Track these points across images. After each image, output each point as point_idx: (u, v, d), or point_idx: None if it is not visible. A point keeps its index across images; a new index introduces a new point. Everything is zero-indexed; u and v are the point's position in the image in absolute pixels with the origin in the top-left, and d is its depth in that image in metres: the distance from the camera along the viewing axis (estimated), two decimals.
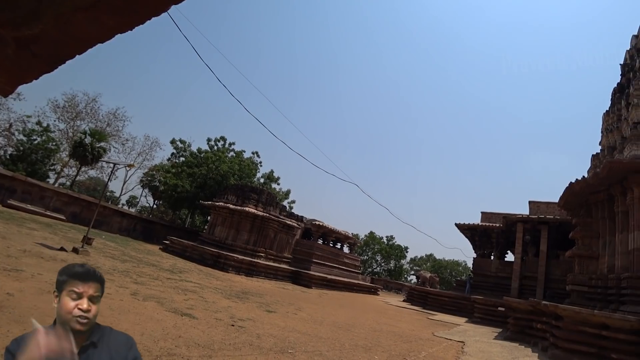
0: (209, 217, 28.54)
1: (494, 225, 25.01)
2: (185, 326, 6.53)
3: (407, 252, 64.72)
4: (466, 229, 26.53)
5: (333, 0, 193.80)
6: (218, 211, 24.32)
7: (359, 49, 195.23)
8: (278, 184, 40.39)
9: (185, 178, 33.41)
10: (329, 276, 25.46)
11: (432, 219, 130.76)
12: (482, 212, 27.58)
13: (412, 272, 66.23)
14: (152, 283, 10.52)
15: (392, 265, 64.03)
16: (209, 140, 37.76)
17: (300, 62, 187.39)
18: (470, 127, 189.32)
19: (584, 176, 12.98)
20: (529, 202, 24.22)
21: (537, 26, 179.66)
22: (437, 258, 70.66)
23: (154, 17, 1.78)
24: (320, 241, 29.99)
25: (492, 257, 25.53)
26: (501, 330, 14.93)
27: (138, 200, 52.53)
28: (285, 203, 38.43)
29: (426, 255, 72.24)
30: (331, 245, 31.80)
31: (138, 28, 1.87)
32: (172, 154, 38.20)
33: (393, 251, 62.58)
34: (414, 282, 45.67)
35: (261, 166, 39.57)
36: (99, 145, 28.65)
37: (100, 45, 1.94)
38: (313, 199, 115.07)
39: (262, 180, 39.06)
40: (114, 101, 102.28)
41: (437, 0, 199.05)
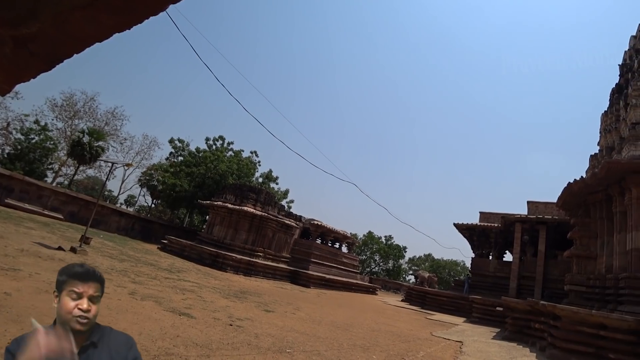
0: (208, 217, 28.52)
1: (493, 225, 25.06)
2: (183, 326, 6.52)
3: (406, 252, 64.89)
4: (465, 229, 26.56)
5: (332, 0, 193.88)
6: (216, 211, 24.30)
7: (358, 49, 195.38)
8: (276, 184, 40.40)
9: (183, 177, 33.36)
10: (328, 276, 25.48)
11: (431, 219, 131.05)
12: (481, 212, 27.64)
13: (411, 272, 66.36)
14: (150, 282, 10.51)
15: (391, 265, 64.11)
16: (208, 139, 37.72)
17: (298, 62, 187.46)
18: (468, 127, 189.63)
19: (583, 176, 13.01)
20: (528, 202, 24.26)
21: (536, 27, 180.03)
22: (436, 258, 70.85)
23: (152, 17, 1.77)
24: (318, 241, 30.01)
25: (491, 257, 25.57)
26: (499, 330, 14.96)
27: (136, 199, 52.52)
28: (283, 202, 38.43)
29: (424, 255, 72.43)
30: (329, 245, 31.82)
31: (137, 27, 1.87)
32: (171, 153, 38.15)
33: (391, 251, 62.66)
34: (413, 282, 45.77)
35: (260, 166, 39.58)
36: (97, 144, 28.61)
37: (98, 44, 1.94)
38: (312, 199, 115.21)
39: (261, 179, 39.03)
40: (113, 100, 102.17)
41: (436, 0, 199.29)
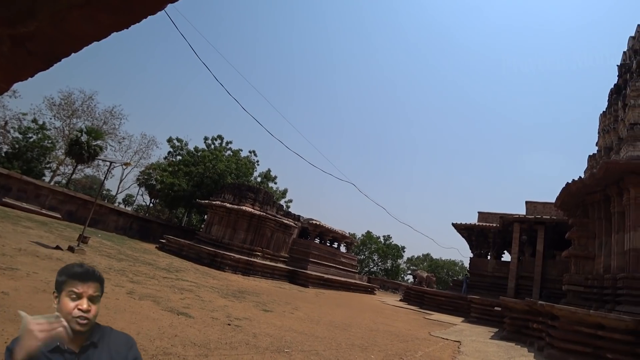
0: (206, 216, 28.49)
1: (491, 225, 25.08)
2: (181, 325, 6.50)
3: (404, 252, 64.96)
4: (463, 229, 26.58)
5: (331, 0, 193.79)
6: (215, 210, 24.27)
7: (357, 49, 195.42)
8: (275, 183, 40.39)
9: (182, 177, 33.32)
10: (326, 275, 25.48)
11: (429, 219, 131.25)
12: (479, 212, 27.68)
13: (409, 272, 66.46)
14: (149, 282, 10.49)
15: (389, 264, 64.16)
16: (206, 138, 37.69)
17: (298, 62, 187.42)
18: (467, 127, 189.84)
19: (581, 177, 13.03)
20: (526, 202, 24.30)
21: (535, 27, 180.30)
22: (434, 258, 70.92)
23: (150, 16, 1.77)
24: (317, 240, 30.01)
25: (489, 257, 25.59)
26: (497, 330, 14.96)
27: (134, 198, 52.43)
28: (282, 202, 38.39)
29: (423, 254, 72.49)
30: (328, 244, 31.82)
31: (136, 26, 1.86)
32: (169, 153, 38.10)
33: (390, 251, 62.70)
34: (411, 282, 45.81)
35: (258, 165, 39.58)
36: (95, 143, 28.55)
37: (96, 43, 1.93)
38: (310, 198, 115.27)
39: (259, 179, 39.02)
40: (111, 99, 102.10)
41: (435, 0, 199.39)
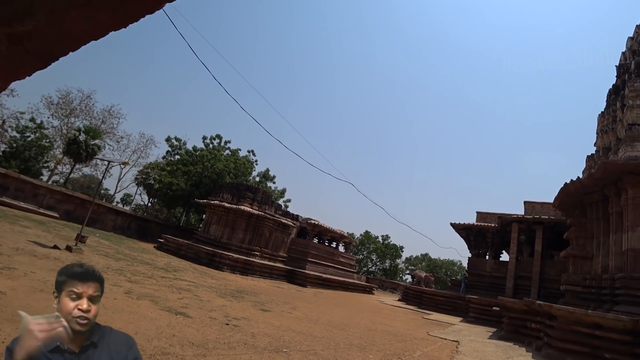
0: (204, 216, 28.46)
1: (489, 225, 25.11)
2: (179, 325, 6.49)
3: (403, 252, 65.04)
4: (461, 229, 26.61)
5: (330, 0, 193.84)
6: (213, 209, 24.25)
7: (356, 49, 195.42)
8: (274, 183, 40.36)
9: (180, 176, 33.27)
10: (324, 275, 25.48)
11: (428, 219, 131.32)
12: (478, 212, 27.68)
13: (408, 272, 66.57)
14: (147, 281, 10.47)
15: (388, 264, 64.22)
16: (205, 138, 37.64)
17: (297, 62, 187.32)
18: (465, 127, 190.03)
19: (579, 177, 13.05)
20: (524, 203, 24.33)
21: (534, 28, 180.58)
22: (433, 257, 71.01)
23: (149, 15, 1.76)
24: (315, 240, 30.00)
25: (487, 257, 25.63)
26: (496, 329, 14.98)
27: (133, 198, 52.37)
28: (280, 202, 38.38)
29: (421, 254, 72.60)
30: (326, 244, 31.81)
31: (136, 26, 1.86)
32: (167, 152, 38.03)
33: (388, 250, 62.76)
34: (409, 282, 45.87)
35: (257, 165, 39.53)
36: (94, 142, 28.48)
37: (96, 43, 1.93)
38: (309, 198, 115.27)
39: (258, 178, 38.98)
40: (111, 99, 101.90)
41: (435, 0, 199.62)
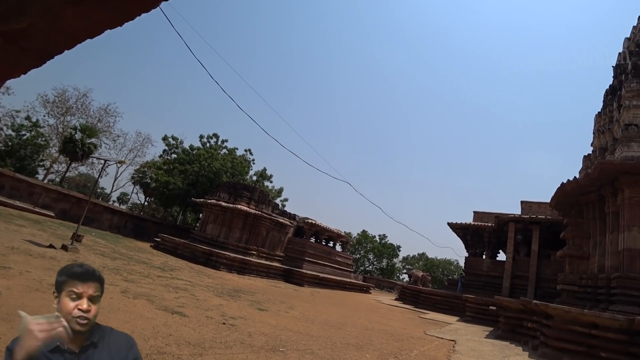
0: (201, 215, 28.40)
1: (486, 224, 25.17)
2: (175, 324, 6.47)
3: (400, 251, 65.16)
4: (458, 228, 26.66)
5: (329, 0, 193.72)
6: (210, 209, 24.20)
7: (354, 48, 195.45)
8: (271, 182, 40.34)
9: (177, 175, 33.18)
10: (321, 274, 25.47)
11: (425, 218, 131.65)
12: (475, 212, 27.74)
13: (405, 271, 66.60)
14: (143, 281, 10.44)
15: (385, 263, 64.30)
16: (202, 137, 37.57)
17: (295, 62, 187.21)
18: (463, 127, 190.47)
19: (576, 177, 13.10)
20: (521, 202, 24.40)
21: (531, 28, 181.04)
22: (430, 257, 71.18)
23: (144, 14, 1.75)
24: (312, 239, 29.99)
25: (484, 256, 25.68)
26: (492, 329, 15.03)
27: (129, 197, 52.23)
28: (277, 201, 38.35)
29: (418, 254, 72.71)
30: (324, 243, 31.80)
31: (133, 24, 1.85)
32: (164, 151, 37.94)
33: (385, 250, 62.83)
34: (406, 281, 45.90)
35: (254, 164, 39.48)
36: (90, 141, 28.38)
37: (95, 41, 1.91)
38: (306, 197, 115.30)
39: (255, 178, 38.93)
40: (106, 97, 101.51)
41: (433, 1, 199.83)
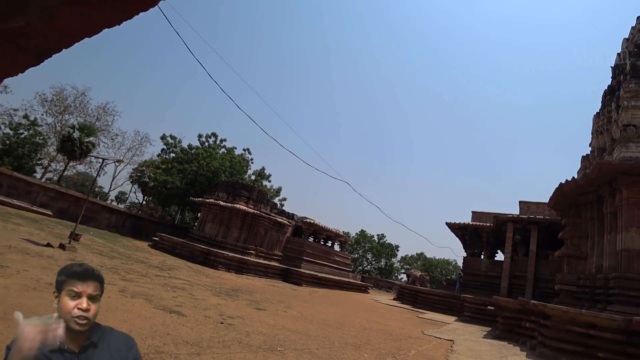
0: (199, 214, 28.38)
1: (485, 224, 25.20)
2: (173, 323, 6.46)
3: (398, 251, 65.19)
4: (457, 228, 26.68)
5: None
6: (208, 208, 24.17)
7: (354, 48, 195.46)
8: (269, 181, 40.32)
9: (175, 174, 33.13)
10: (320, 274, 25.47)
11: (423, 218, 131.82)
12: (473, 212, 27.77)
13: (403, 271, 66.60)
14: (141, 280, 10.42)
15: (383, 263, 64.33)
16: (200, 136, 37.53)
17: (294, 61, 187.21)
18: (462, 127, 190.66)
19: (574, 177, 13.12)
20: (520, 202, 24.42)
21: (531, 28, 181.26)
22: (428, 257, 71.28)
23: (143, 12, 1.74)
24: (311, 239, 29.96)
25: (482, 257, 25.71)
26: (490, 329, 15.04)
27: (127, 196, 52.14)
28: (276, 200, 38.35)
29: (417, 253, 72.80)
30: (322, 243, 31.78)
31: (132, 23, 1.84)
32: (163, 150, 37.87)
33: (384, 249, 62.86)
34: (405, 281, 45.92)
35: (252, 163, 39.46)
36: (88, 139, 28.28)
37: (95, 40, 1.91)
38: (304, 197, 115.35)
39: (253, 177, 38.90)
40: (105, 96, 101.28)
41: (433, 0, 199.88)
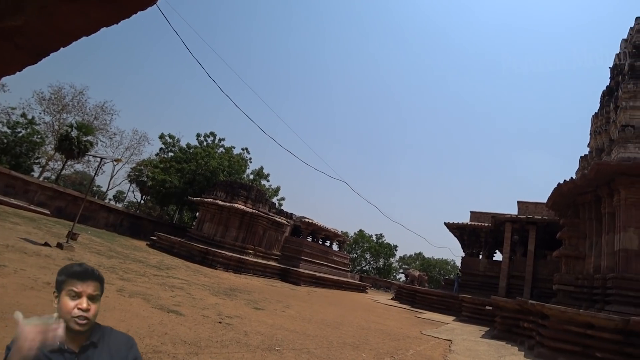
0: (198, 214, 28.32)
1: (483, 224, 25.23)
2: (171, 323, 6.45)
3: (396, 251, 65.22)
4: (455, 228, 26.70)
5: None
6: (207, 207, 24.14)
7: (352, 48, 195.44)
8: (268, 181, 40.25)
9: (173, 173, 33.06)
10: (318, 274, 25.47)
11: (422, 218, 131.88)
12: (471, 212, 27.80)
13: (401, 271, 66.70)
14: (139, 279, 10.40)
15: (381, 263, 64.35)
16: (199, 135, 37.44)
17: (292, 61, 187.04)
18: (461, 127, 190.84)
19: (572, 177, 13.14)
20: (518, 202, 24.47)
21: (530, 28, 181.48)
22: (426, 257, 71.28)
23: (141, 11, 1.73)
24: (309, 239, 29.95)
25: (481, 257, 25.74)
26: (488, 328, 15.06)
27: (125, 195, 52.01)
28: (274, 200, 38.28)
29: (415, 253, 72.82)
30: (320, 242, 31.78)
31: (131, 22, 1.83)
32: (161, 149, 37.76)
33: (382, 249, 62.88)
34: (403, 281, 45.95)
35: (251, 162, 39.40)
36: (86, 138, 28.21)
37: (94, 40, 1.89)
38: (303, 197, 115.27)
39: (252, 176, 38.84)
40: (103, 95, 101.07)
41: (432, 1, 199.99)
